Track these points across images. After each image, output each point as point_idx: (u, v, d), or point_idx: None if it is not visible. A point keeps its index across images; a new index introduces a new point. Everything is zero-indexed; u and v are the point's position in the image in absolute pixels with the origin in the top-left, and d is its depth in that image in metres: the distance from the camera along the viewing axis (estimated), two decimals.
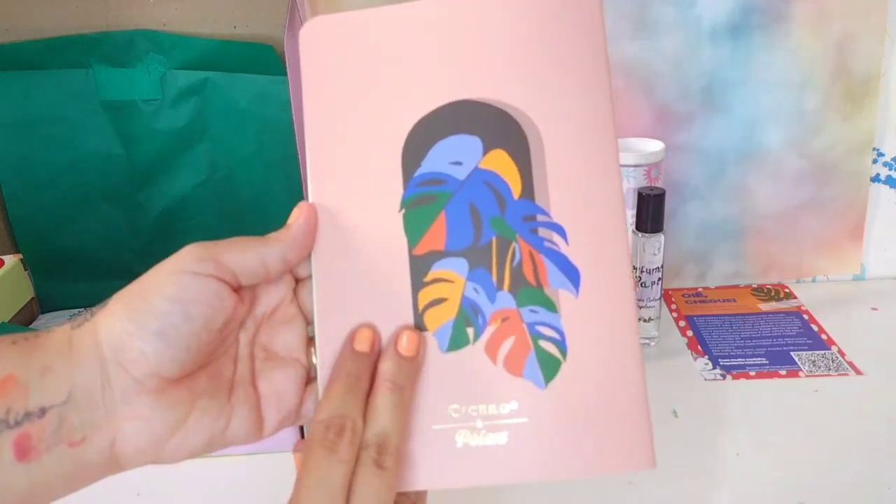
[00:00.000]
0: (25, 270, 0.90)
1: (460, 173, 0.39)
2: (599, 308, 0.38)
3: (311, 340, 0.41)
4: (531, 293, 0.38)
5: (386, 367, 0.37)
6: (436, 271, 0.38)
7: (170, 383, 0.35)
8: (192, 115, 0.84)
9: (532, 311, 0.38)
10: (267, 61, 0.82)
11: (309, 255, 0.39)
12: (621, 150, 0.86)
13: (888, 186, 0.92)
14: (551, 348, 0.37)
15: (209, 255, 0.36)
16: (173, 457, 0.36)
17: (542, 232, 0.38)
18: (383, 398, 0.36)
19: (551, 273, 0.38)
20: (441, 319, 0.38)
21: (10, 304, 0.87)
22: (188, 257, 0.36)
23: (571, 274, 0.38)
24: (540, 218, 0.38)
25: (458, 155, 0.39)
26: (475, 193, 0.38)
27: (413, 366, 0.37)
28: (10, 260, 0.88)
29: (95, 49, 0.82)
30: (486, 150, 0.38)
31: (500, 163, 0.38)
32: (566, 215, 0.38)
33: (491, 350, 0.38)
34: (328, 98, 0.40)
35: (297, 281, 0.41)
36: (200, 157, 0.86)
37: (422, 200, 0.39)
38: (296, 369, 0.40)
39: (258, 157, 0.86)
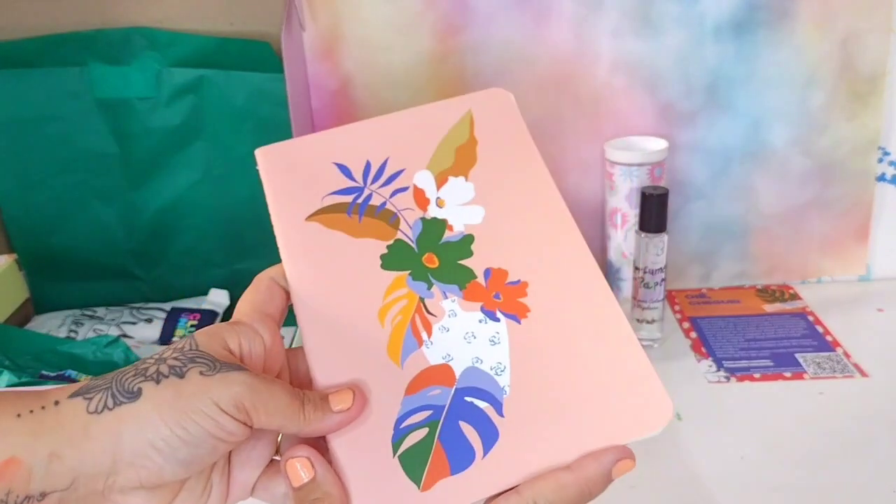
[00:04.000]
0: (20, 271, 0.89)
1: None
2: None
3: None
4: None
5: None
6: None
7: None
8: (187, 113, 0.83)
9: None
10: (264, 59, 0.81)
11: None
12: (626, 148, 0.85)
13: (894, 186, 0.91)
14: None
15: (251, 406, 0.36)
16: None
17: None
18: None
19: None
20: None
21: (5, 304, 0.86)
22: (232, 400, 0.35)
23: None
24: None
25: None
26: None
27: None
28: (5, 260, 0.88)
29: (90, 46, 0.81)
30: None
31: None
32: None
33: None
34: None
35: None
36: (196, 156, 0.85)
37: None
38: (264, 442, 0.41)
39: (254, 156, 0.85)
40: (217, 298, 0.90)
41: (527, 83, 0.86)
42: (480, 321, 0.44)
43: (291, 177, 0.49)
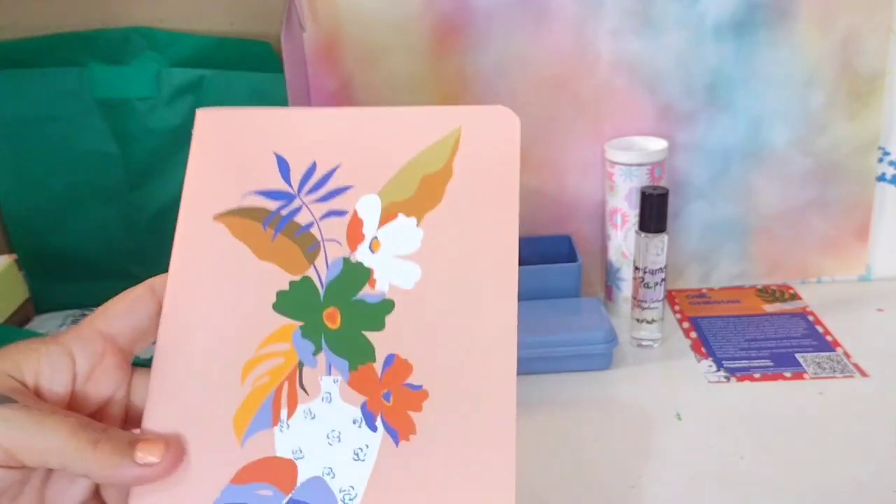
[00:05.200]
0: (20, 271, 0.89)
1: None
2: None
3: None
4: None
5: None
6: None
7: None
8: (187, 113, 0.83)
9: None
10: (264, 59, 0.81)
11: None
12: (626, 148, 0.85)
13: (894, 186, 0.91)
14: None
15: (12, 445, 0.31)
16: None
17: None
18: None
19: None
20: None
21: (5, 304, 0.86)
22: None
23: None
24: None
25: None
26: None
27: None
28: (5, 260, 0.87)
29: (90, 46, 0.81)
30: None
31: None
32: None
33: None
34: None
35: None
36: None
37: None
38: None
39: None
40: None
41: (527, 83, 0.86)
42: (355, 422, 0.35)
43: (222, 156, 0.40)
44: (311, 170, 0.40)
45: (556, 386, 0.76)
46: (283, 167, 0.40)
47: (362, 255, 0.38)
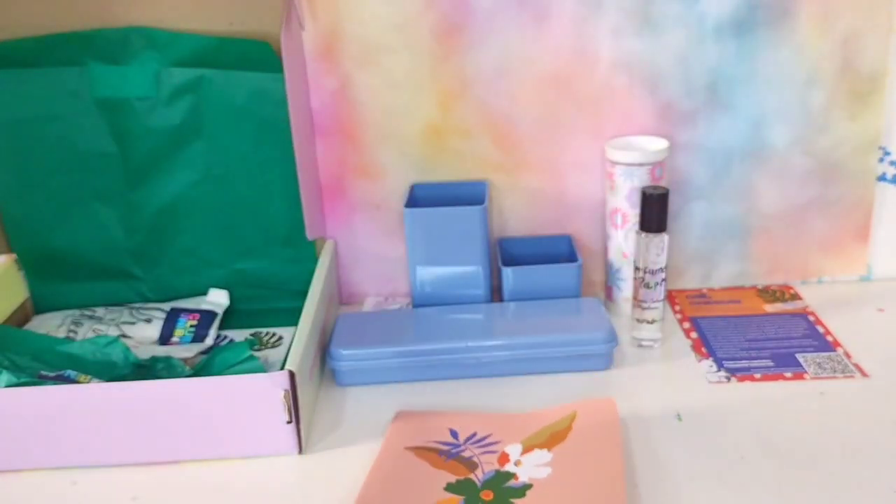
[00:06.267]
0: (20, 271, 0.89)
1: None
2: None
3: None
4: None
5: None
6: None
7: None
8: (187, 112, 0.83)
9: None
10: (263, 58, 0.81)
11: None
12: (626, 148, 0.85)
13: (895, 186, 0.91)
14: None
15: None
16: None
17: None
18: None
19: None
20: None
21: (5, 304, 0.86)
22: None
23: None
24: None
25: None
26: None
27: None
28: (5, 260, 0.87)
29: (89, 46, 0.81)
30: None
31: None
32: None
33: None
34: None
35: None
36: (196, 156, 0.85)
37: None
38: None
39: (254, 156, 0.85)
40: (216, 298, 0.90)
41: (527, 83, 0.86)
42: None
43: (413, 428, 0.66)
44: (473, 435, 0.66)
45: (556, 386, 0.76)
46: (454, 434, 0.66)
47: (509, 467, 0.62)
